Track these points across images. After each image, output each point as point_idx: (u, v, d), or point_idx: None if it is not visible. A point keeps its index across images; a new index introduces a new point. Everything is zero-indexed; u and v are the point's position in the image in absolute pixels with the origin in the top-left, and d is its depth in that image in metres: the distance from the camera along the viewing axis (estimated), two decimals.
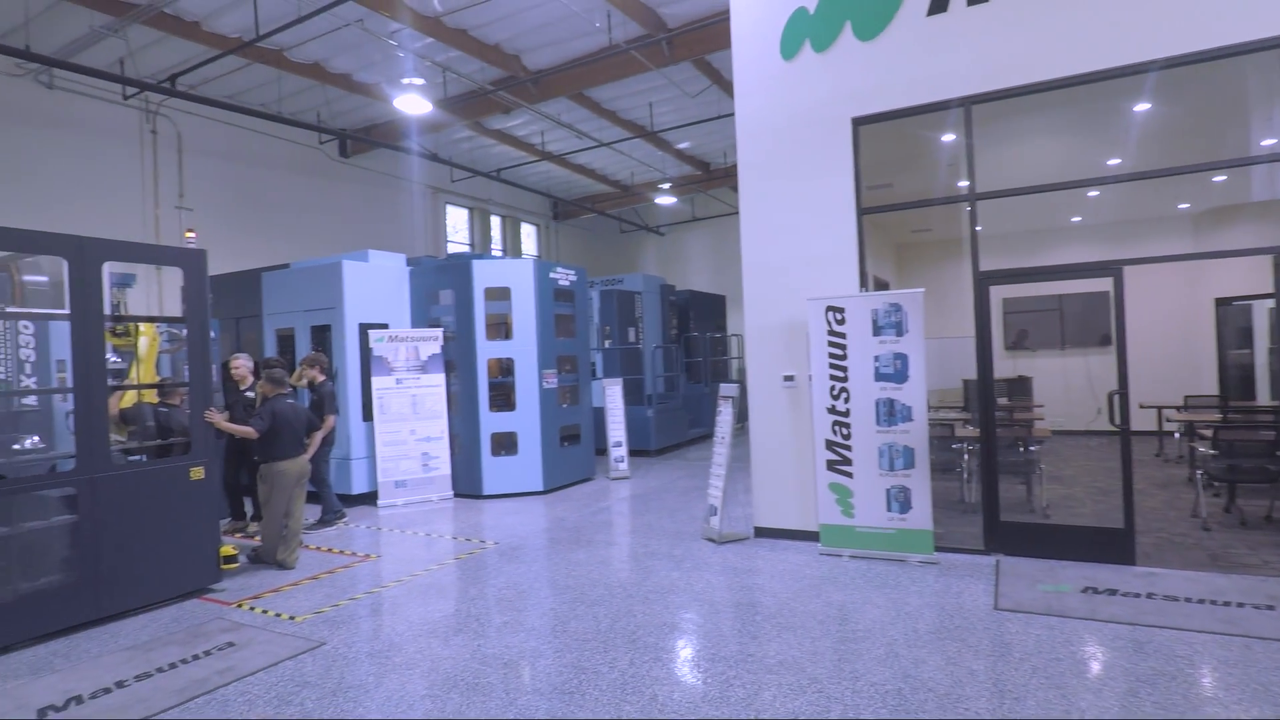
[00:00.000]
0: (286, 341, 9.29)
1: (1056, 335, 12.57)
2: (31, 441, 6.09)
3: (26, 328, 6.37)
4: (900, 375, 5.70)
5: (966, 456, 7.30)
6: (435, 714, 3.50)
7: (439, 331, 9.11)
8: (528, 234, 20.84)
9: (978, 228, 5.85)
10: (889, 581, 5.22)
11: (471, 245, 18.53)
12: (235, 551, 5.82)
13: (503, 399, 9.23)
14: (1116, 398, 5.43)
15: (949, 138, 6.74)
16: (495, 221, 19.50)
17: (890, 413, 5.73)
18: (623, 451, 10.06)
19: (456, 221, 18.35)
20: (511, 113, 13.61)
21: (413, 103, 10.26)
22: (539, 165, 17.74)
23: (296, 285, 9.17)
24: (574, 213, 21.34)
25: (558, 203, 21.14)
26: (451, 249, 17.80)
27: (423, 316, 9.46)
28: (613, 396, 10.20)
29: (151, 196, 11.75)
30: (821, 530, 6.01)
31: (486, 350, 8.98)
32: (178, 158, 12.12)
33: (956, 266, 10.63)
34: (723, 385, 6.86)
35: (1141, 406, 9.34)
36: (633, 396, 12.73)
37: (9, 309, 6.37)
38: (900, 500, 5.70)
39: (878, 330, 5.77)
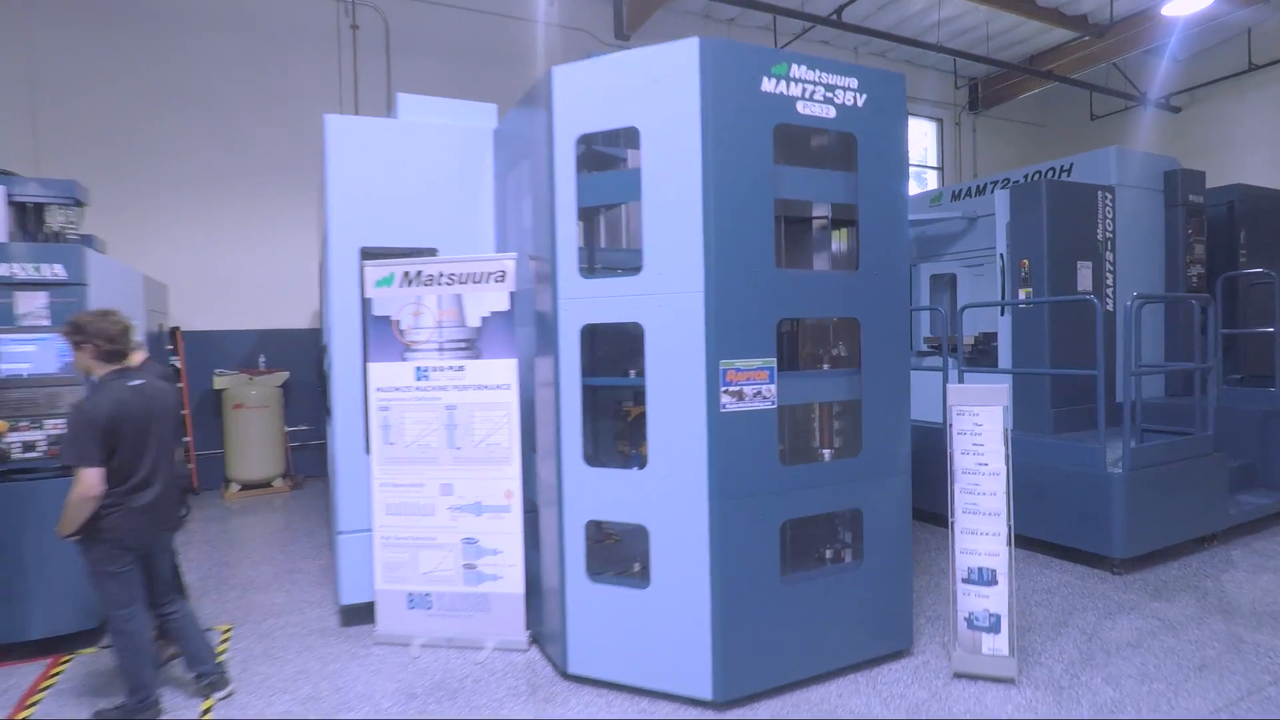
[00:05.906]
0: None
1: None
2: None
3: None
4: None
5: None
6: None
7: (507, 262, 3.93)
8: (924, 136, 13.78)
9: None
10: None
11: None
12: None
13: (627, 433, 3.65)
14: None
15: None
16: None
17: None
18: (997, 604, 3.45)
19: None
20: None
21: None
22: (930, 11, 10.77)
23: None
24: (1007, 92, 13.34)
25: (975, 82, 13.52)
26: None
27: (508, 233, 4.39)
28: (966, 420, 3.61)
29: (352, 114, 9.09)
30: None
31: (575, 305, 3.47)
32: (385, 60, 9.24)
33: None
34: None
35: None
36: (1072, 418, 5.59)
37: None
38: None
39: None
